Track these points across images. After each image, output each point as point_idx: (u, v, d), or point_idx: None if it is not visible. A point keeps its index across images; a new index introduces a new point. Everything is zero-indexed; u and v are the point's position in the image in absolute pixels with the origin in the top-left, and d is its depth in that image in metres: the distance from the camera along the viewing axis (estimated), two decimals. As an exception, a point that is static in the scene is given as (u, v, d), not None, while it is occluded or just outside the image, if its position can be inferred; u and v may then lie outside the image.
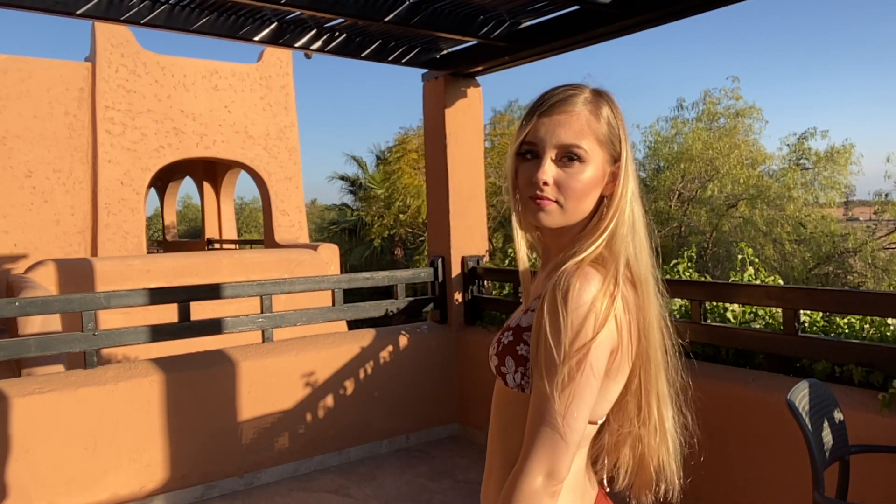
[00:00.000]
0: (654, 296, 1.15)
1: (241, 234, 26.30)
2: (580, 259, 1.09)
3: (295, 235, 11.55)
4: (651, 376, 1.14)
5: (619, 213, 1.14)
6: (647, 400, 1.15)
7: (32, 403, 3.34)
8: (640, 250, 1.14)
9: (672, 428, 1.18)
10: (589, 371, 1.02)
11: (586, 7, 3.46)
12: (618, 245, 1.11)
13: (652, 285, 1.15)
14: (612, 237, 1.12)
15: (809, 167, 18.32)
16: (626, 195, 1.14)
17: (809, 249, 17.22)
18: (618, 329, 1.07)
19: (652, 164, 20.06)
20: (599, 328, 1.03)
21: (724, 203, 17.79)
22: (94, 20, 3.68)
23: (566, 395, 1.01)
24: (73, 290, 6.98)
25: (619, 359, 1.09)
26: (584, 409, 1.03)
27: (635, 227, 1.14)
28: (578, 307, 1.03)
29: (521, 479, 1.01)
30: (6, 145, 9.27)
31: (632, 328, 1.10)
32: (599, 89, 1.18)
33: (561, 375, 1.01)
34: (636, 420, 1.15)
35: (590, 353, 1.02)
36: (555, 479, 1.01)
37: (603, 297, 1.04)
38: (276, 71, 11.45)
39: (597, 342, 1.03)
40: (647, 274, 1.14)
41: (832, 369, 2.98)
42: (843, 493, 2.42)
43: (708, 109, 18.76)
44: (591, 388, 1.03)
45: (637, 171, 1.16)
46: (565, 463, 1.02)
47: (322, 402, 4.25)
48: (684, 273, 4.19)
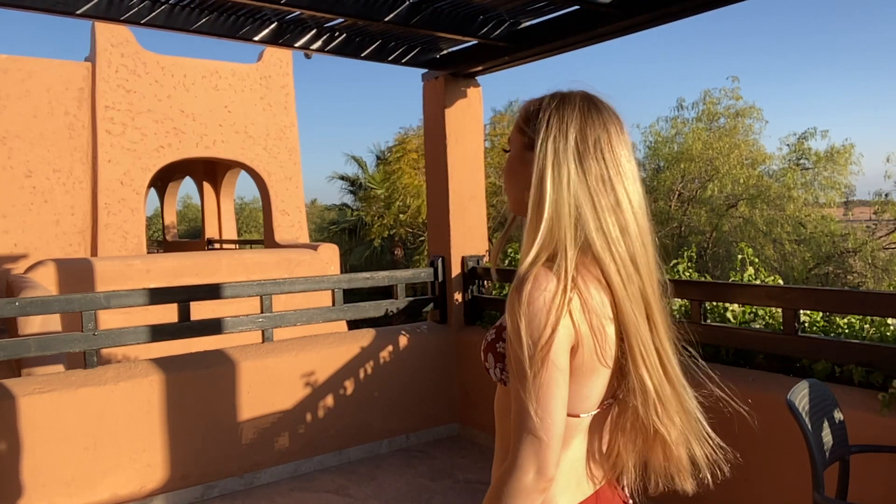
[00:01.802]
0: (634, 286, 1.14)
1: (241, 234, 26.30)
2: (531, 260, 1.11)
3: (295, 235, 11.55)
4: (642, 365, 1.14)
5: (544, 202, 1.13)
6: (644, 393, 1.15)
7: (32, 403, 3.34)
8: (608, 234, 1.13)
9: (683, 419, 1.19)
10: (553, 369, 1.06)
11: (586, 7, 3.46)
12: (560, 236, 1.11)
13: (629, 266, 1.14)
14: (547, 229, 1.12)
15: (809, 167, 18.32)
16: (546, 183, 1.13)
17: (809, 249, 17.23)
18: (575, 326, 1.09)
19: (652, 164, 20.06)
20: (554, 327, 1.06)
21: (724, 203, 17.80)
22: (94, 20, 3.68)
23: (535, 394, 1.05)
24: (73, 290, 6.98)
25: (585, 355, 1.11)
26: (556, 405, 1.07)
27: (581, 218, 1.12)
28: (532, 310, 1.07)
29: (509, 477, 1.07)
30: (6, 145, 9.27)
31: (593, 323, 1.11)
32: (563, 91, 1.22)
33: (527, 376, 1.06)
34: (640, 411, 1.16)
35: (550, 352, 1.06)
36: (542, 475, 1.06)
37: (554, 297, 1.07)
38: (276, 71, 11.45)
39: (556, 341, 1.06)
40: (626, 266, 1.13)
41: (832, 369, 2.98)
42: (843, 493, 2.42)
43: (708, 109, 18.76)
44: (558, 385, 1.07)
45: (586, 160, 1.15)
46: (549, 458, 1.06)
47: (322, 402, 4.25)
48: (684, 273, 4.19)
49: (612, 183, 1.14)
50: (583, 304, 1.10)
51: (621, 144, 1.17)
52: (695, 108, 19.05)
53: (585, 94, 1.21)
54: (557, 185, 1.13)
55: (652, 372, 1.15)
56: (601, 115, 1.18)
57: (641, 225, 1.17)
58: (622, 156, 1.17)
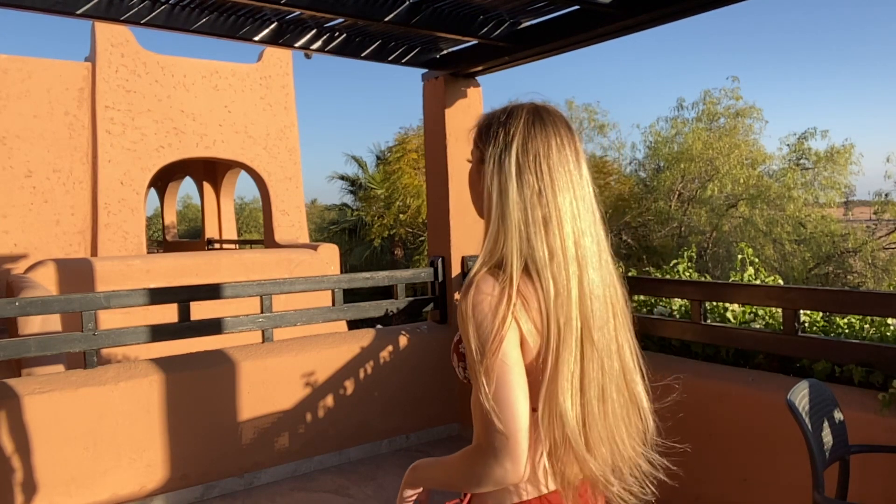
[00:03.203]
0: (566, 291, 1.15)
1: (241, 234, 26.30)
2: (476, 269, 1.18)
3: (295, 235, 11.55)
4: (563, 371, 1.14)
5: (491, 214, 1.20)
6: (554, 395, 1.15)
7: (32, 403, 3.34)
8: (542, 250, 1.16)
9: (577, 420, 1.16)
10: (504, 366, 1.11)
11: (586, 7, 3.46)
12: (505, 247, 1.16)
13: (564, 282, 1.15)
14: (493, 240, 1.18)
15: (809, 167, 18.32)
16: (493, 196, 1.19)
17: (809, 249, 17.22)
18: (520, 327, 1.14)
19: (652, 164, 20.06)
20: (500, 328, 1.11)
21: (724, 203, 17.80)
22: (94, 20, 3.68)
23: (491, 392, 1.10)
24: (73, 290, 6.98)
25: (533, 354, 1.15)
26: (513, 398, 1.10)
27: (522, 231, 1.16)
28: (478, 313, 1.13)
29: (480, 468, 1.12)
30: (6, 145, 9.27)
31: (536, 325, 1.15)
32: (512, 104, 1.26)
33: (481, 375, 1.11)
34: (546, 416, 1.16)
35: (500, 351, 1.11)
36: (513, 468, 1.10)
37: (499, 301, 1.12)
38: (276, 71, 11.45)
39: (505, 340, 1.11)
40: (557, 272, 1.15)
41: (832, 369, 2.98)
42: (843, 493, 2.42)
43: (708, 109, 18.76)
44: (513, 380, 1.11)
45: (529, 173, 1.18)
46: (515, 451, 1.09)
47: (322, 402, 4.25)
48: (684, 273, 4.19)
49: (548, 197, 1.17)
50: (525, 309, 1.14)
51: (563, 157, 1.19)
52: (695, 108, 19.05)
53: (532, 108, 1.23)
54: (502, 199, 1.18)
55: (567, 398, 1.15)
56: (545, 129, 1.20)
57: (579, 240, 1.18)
58: (560, 169, 1.19)
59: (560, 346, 1.14)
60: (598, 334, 1.17)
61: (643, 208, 18.44)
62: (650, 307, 3.95)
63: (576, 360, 1.15)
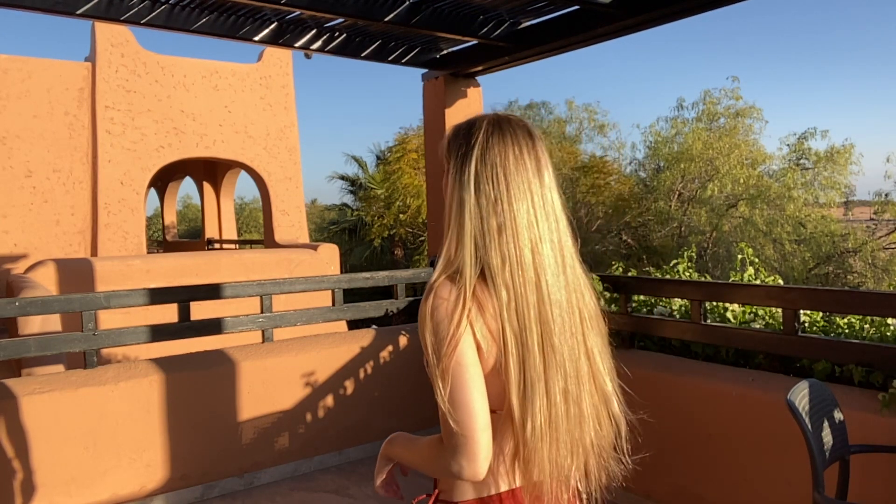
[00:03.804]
0: (522, 297, 1.18)
1: (241, 234, 26.29)
2: (436, 276, 1.22)
3: (295, 235, 11.55)
4: (525, 374, 1.17)
5: (451, 223, 1.24)
6: (515, 398, 1.18)
7: (32, 403, 3.34)
8: (496, 258, 1.19)
9: (541, 422, 1.18)
10: (460, 368, 1.15)
11: (586, 7, 3.46)
12: (461, 255, 1.20)
13: (518, 288, 1.18)
14: (451, 248, 1.22)
15: (809, 167, 18.32)
16: (452, 205, 1.24)
17: (809, 249, 17.22)
18: (475, 331, 1.17)
19: (652, 164, 20.06)
20: (456, 331, 1.15)
21: (724, 203, 17.80)
22: (94, 20, 3.68)
23: (448, 395, 1.14)
24: (73, 290, 6.98)
25: (488, 358, 1.18)
26: (470, 400, 1.14)
27: (478, 240, 1.20)
28: (436, 318, 1.17)
29: (445, 462, 1.17)
30: (6, 145, 9.26)
31: (492, 330, 1.18)
32: (475, 117, 1.29)
33: (437, 378, 1.16)
34: (514, 412, 1.19)
35: (456, 353, 1.14)
36: (471, 467, 1.14)
37: (455, 306, 1.16)
38: (276, 71, 11.45)
39: (461, 343, 1.15)
40: (510, 279, 1.18)
41: (832, 369, 2.98)
42: (843, 493, 2.42)
43: (708, 109, 18.76)
44: (470, 381, 1.15)
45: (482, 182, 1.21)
46: (473, 451, 1.13)
47: (322, 402, 4.25)
48: (684, 273, 4.19)
49: (503, 206, 1.20)
50: (480, 314, 1.18)
51: (520, 166, 1.22)
52: (695, 108, 19.06)
53: (493, 118, 1.27)
54: (461, 208, 1.22)
55: (528, 401, 1.17)
56: (503, 138, 1.23)
57: (536, 247, 1.20)
58: (517, 178, 1.22)
59: (518, 351, 1.16)
60: (558, 339, 1.19)
61: (643, 208, 18.44)
62: (650, 307, 3.95)
63: (536, 365, 1.17)
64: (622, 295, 3.76)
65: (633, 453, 1.38)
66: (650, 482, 3.48)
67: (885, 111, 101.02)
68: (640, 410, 1.36)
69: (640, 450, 3.73)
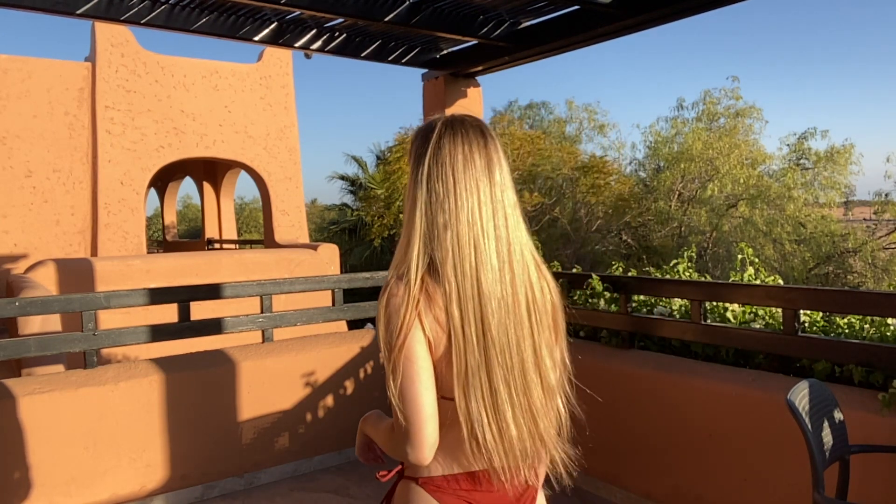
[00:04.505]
0: (464, 290, 1.23)
1: (241, 234, 26.30)
2: (390, 274, 1.29)
3: (295, 235, 11.55)
4: (467, 364, 1.23)
5: (405, 223, 1.31)
6: (457, 387, 1.24)
7: (32, 403, 3.34)
8: (440, 253, 1.25)
9: (483, 411, 1.24)
10: (408, 363, 1.22)
11: (586, 7, 3.46)
12: (410, 252, 1.26)
13: (461, 281, 1.23)
14: (402, 247, 1.29)
15: (809, 167, 18.33)
16: (407, 205, 1.31)
17: (809, 249, 17.22)
18: (424, 324, 1.23)
19: (652, 164, 20.06)
20: (404, 327, 1.21)
21: (724, 203, 17.80)
22: (94, 20, 3.68)
23: (397, 387, 1.22)
24: (73, 290, 6.98)
25: (438, 348, 1.24)
26: (416, 393, 1.22)
27: (426, 237, 1.26)
28: (387, 314, 1.24)
29: (398, 447, 1.26)
30: (6, 145, 9.26)
31: (440, 321, 1.24)
32: (432, 119, 1.35)
33: (389, 371, 1.23)
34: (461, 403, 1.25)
35: (405, 349, 1.21)
36: (417, 455, 1.23)
37: (404, 301, 1.23)
38: (276, 71, 11.44)
39: (409, 338, 1.21)
40: (452, 273, 1.24)
41: (832, 369, 2.98)
42: (843, 493, 2.42)
43: (708, 109, 18.77)
44: (417, 376, 1.22)
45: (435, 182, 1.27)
46: (418, 440, 1.22)
47: (322, 402, 4.25)
48: (684, 273, 4.19)
49: (450, 203, 1.25)
50: (429, 307, 1.24)
51: (469, 164, 1.28)
52: (695, 108, 19.07)
53: (447, 120, 1.33)
54: (413, 207, 1.29)
55: (470, 391, 1.23)
56: (454, 139, 1.29)
57: (478, 243, 1.25)
58: (465, 175, 1.27)
59: (460, 342, 1.22)
60: (496, 331, 1.24)
61: (643, 208, 18.44)
62: (650, 307, 3.95)
63: (476, 355, 1.23)
64: (622, 295, 3.76)
65: (632, 453, 1.40)
66: (650, 482, 3.48)
67: (885, 111, 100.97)
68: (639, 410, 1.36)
69: (640, 449, 3.73)
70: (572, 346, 1.49)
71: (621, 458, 3.63)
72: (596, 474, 3.75)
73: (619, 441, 3.64)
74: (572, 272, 4.20)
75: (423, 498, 1.31)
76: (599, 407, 3.80)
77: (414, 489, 1.32)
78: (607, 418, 3.69)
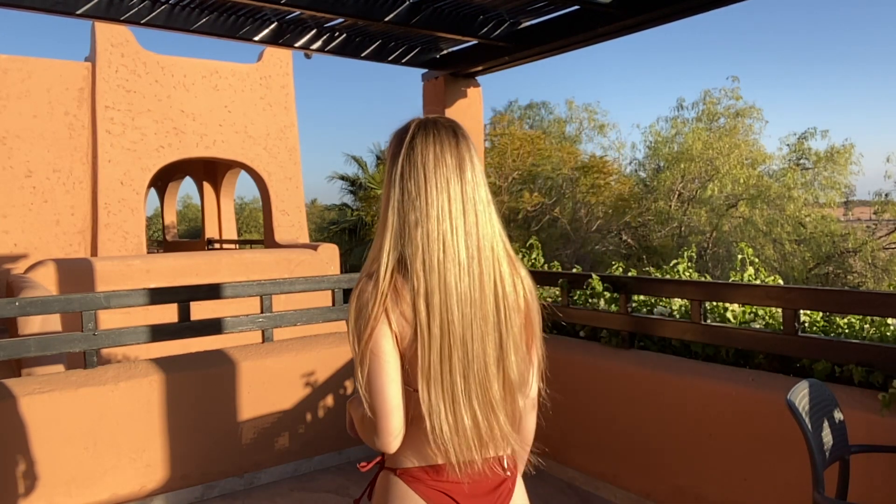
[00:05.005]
0: (431, 286, 1.27)
1: (241, 234, 26.30)
2: (362, 271, 1.34)
3: (295, 235, 11.55)
4: (429, 359, 1.27)
5: (378, 222, 1.36)
6: (420, 380, 1.28)
7: (32, 403, 3.34)
8: (409, 249, 1.28)
9: (441, 403, 1.27)
10: (374, 358, 1.27)
11: (586, 7, 3.46)
12: (382, 250, 1.31)
13: (428, 277, 1.27)
14: (375, 245, 1.33)
15: (809, 167, 18.34)
16: (382, 206, 1.34)
17: (809, 249, 17.24)
18: (391, 319, 1.27)
19: (652, 164, 20.07)
20: (370, 322, 1.26)
21: (724, 203, 17.81)
22: (94, 20, 3.68)
23: (364, 380, 1.29)
24: (73, 290, 6.98)
25: (405, 340, 1.28)
26: (382, 386, 1.27)
27: (396, 235, 1.30)
28: (355, 310, 1.29)
29: (365, 435, 1.38)
30: (6, 145, 9.26)
31: (406, 316, 1.27)
32: (407, 121, 1.38)
33: (357, 365, 1.29)
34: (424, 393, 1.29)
35: (371, 344, 1.26)
36: (382, 444, 1.32)
37: (372, 298, 1.27)
38: (275, 71, 11.44)
39: (376, 334, 1.26)
40: (420, 268, 1.27)
41: (832, 369, 2.98)
42: (843, 493, 2.42)
43: (708, 109, 18.79)
44: (382, 370, 1.27)
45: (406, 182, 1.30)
46: (383, 431, 1.30)
47: (322, 402, 4.25)
48: (684, 273, 4.19)
49: (421, 201, 1.29)
50: (397, 302, 1.27)
51: (440, 163, 1.31)
52: (695, 108, 19.09)
53: (420, 122, 1.37)
54: (386, 206, 1.33)
55: (432, 384, 1.27)
56: (426, 139, 1.33)
57: (446, 239, 1.28)
58: (437, 173, 1.30)
59: (425, 336, 1.26)
60: (459, 326, 1.27)
61: (643, 208, 18.45)
62: (650, 307, 3.95)
63: (437, 349, 1.26)
64: (622, 295, 3.76)
65: (632, 453, 1.41)
66: (650, 482, 3.48)
67: (885, 111, 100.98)
68: (639, 410, 1.36)
69: (640, 449, 3.74)
70: (573, 345, 1.50)
71: (621, 458, 3.63)
72: (596, 474, 3.75)
73: (619, 441, 3.64)
74: (572, 272, 4.20)
75: (400, 488, 1.36)
76: (599, 407, 3.81)
77: (393, 480, 1.38)
78: (607, 418, 3.69)
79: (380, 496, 1.42)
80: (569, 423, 3.89)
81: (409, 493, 1.34)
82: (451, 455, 1.29)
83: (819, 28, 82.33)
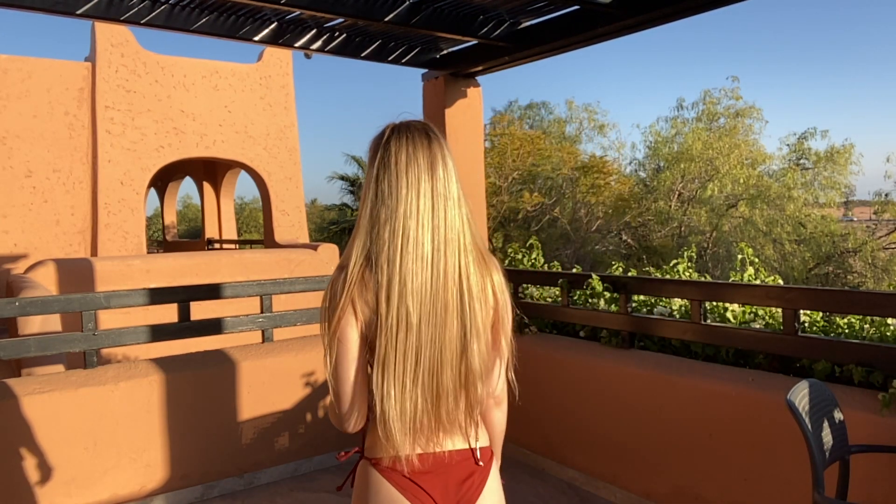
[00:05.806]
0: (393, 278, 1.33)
1: (241, 234, 26.30)
2: (337, 264, 1.41)
3: (295, 235, 11.55)
4: (383, 346, 1.34)
5: (356, 222, 1.44)
6: (376, 369, 1.35)
7: (32, 403, 3.34)
8: (377, 244, 1.35)
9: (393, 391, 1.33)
10: (339, 345, 1.36)
11: (586, 7, 3.46)
12: (354, 245, 1.38)
13: (390, 271, 1.33)
14: (350, 242, 1.40)
15: (809, 167, 18.35)
16: (360, 207, 1.43)
17: (809, 249, 17.24)
18: (357, 309, 1.35)
19: (652, 164, 20.07)
20: (337, 311, 1.35)
21: (724, 203, 17.81)
22: (94, 20, 3.68)
23: (330, 366, 1.37)
24: (73, 290, 6.98)
25: (371, 331, 1.35)
26: (345, 372, 1.36)
27: (368, 232, 1.37)
28: (326, 298, 1.39)
29: (332, 414, 1.44)
30: (6, 145, 9.26)
31: (370, 309, 1.34)
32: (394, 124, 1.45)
33: (325, 350, 1.38)
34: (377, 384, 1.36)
35: (338, 332, 1.35)
36: (342, 426, 1.41)
37: (341, 289, 1.35)
38: (275, 71, 11.45)
39: (342, 322, 1.35)
40: (384, 262, 1.34)
41: (832, 369, 2.98)
42: (843, 493, 2.42)
43: (708, 109, 18.79)
44: (346, 357, 1.36)
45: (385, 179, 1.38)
46: (342, 414, 1.39)
47: (322, 402, 4.25)
48: (684, 273, 4.19)
49: (392, 198, 1.35)
50: (362, 293, 1.34)
51: (412, 161, 1.37)
52: (695, 108, 19.11)
53: (396, 125, 1.43)
54: (362, 208, 1.41)
55: (385, 375, 1.33)
56: (399, 140, 1.39)
57: (409, 234, 1.33)
58: (408, 172, 1.36)
59: (383, 323, 1.32)
60: (416, 318, 1.33)
61: (643, 208, 18.45)
62: (650, 307, 3.95)
63: (392, 339, 1.32)
64: (622, 295, 3.76)
65: (632, 453, 1.42)
66: (650, 482, 3.48)
67: (885, 111, 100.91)
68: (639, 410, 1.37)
69: (640, 449, 3.74)
70: (573, 345, 1.51)
71: (621, 458, 3.63)
72: (596, 474, 3.75)
73: (620, 441, 3.64)
74: (572, 272, 4.20)
75: (375, 477, 1.42)
76: (599, 407, 3.81)
77: (369, 470, 1.44)
78: (607, 418, 3.69)
79: (358, 486, 1.48)
80: (569, 423, 3.89)
81: (384, 482, 1.41)
82: (395, 439, 1.34)
83: (819, 28, 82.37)
